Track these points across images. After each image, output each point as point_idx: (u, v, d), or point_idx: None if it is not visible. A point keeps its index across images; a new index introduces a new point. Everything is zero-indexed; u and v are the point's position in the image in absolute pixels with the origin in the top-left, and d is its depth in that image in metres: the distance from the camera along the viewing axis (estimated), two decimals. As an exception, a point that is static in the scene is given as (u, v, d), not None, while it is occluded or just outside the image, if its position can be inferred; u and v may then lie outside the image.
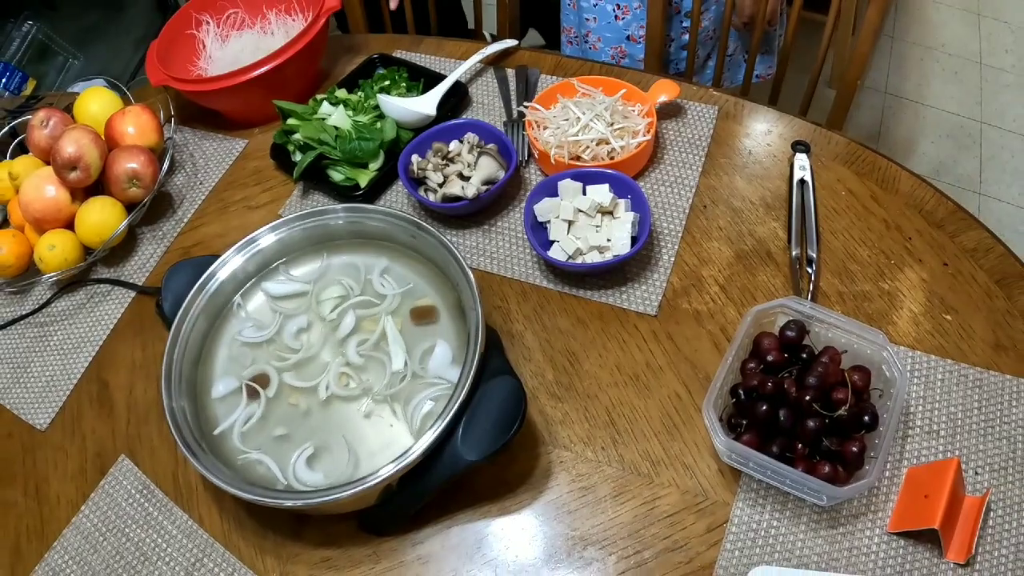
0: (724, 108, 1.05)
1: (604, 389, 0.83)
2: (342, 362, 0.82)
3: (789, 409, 0.74)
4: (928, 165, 1.86)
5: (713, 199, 0.96)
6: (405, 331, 0.83)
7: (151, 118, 1.03)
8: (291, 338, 0.85)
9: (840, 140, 1.01)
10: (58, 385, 0.95)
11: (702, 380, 0.83)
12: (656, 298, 0.88)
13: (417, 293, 0.85)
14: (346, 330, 0.83)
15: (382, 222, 0.86)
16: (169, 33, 1.11)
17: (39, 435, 0.92)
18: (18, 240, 0.99)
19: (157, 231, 1.05)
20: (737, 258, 0.91)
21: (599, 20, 1.33)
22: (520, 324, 0.88)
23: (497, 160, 0.93)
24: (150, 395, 0.91)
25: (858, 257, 0.90)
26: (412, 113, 1.01)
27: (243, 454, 0.78)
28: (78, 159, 0.95)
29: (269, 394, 0.81)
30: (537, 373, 0.85)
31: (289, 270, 0.90)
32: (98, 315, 0.99)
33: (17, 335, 1.01)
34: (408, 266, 0.87)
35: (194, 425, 0.79)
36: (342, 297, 0.86)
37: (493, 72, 1.13)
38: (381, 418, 0.78)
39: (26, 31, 1.50)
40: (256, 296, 0.89)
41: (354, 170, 0.99)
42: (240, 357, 0.85)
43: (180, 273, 0.87)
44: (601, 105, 0.95)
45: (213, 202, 1.07)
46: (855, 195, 0.95)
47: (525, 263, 0.93)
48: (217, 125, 1.16)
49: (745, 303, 0.87)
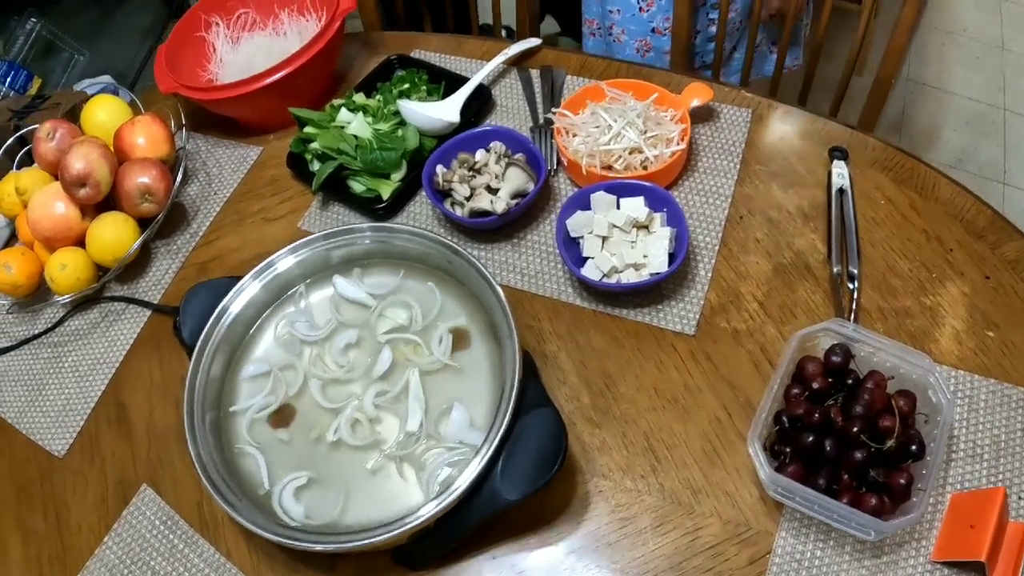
0: (758, 111, 0.99)
1: (642, 413, 0.79)
2: (358, 407, 0.77)
3: (835, 438, 0.71)
4: (951, 154, 1.81)
5: (749, 209, 0.91)
6: (427, 379, 0.77)
7: (161, 128, 0.98)
8: (338, 351, 0.80)
9: (877, 145, 0.96)
10: (75, 408, 0.91)
11: (742, 402, 0.79)
12: (694, 316, 0.84)
13: (448, 314, 0.81)
14: (381, 368, 0.78)
15: (414, 243, 0.82)
16: (178, 36, 1.05)
17: (57, 460, 0.88)
18: (28, 258, 0.95)
19: (171, 245, 1.00)
20: (775, 272, 0.86)
21: (623, 12, 1.27)
22: (553, 344, 0.84)
23: (526, 171, 0.88)
24: (170, 417, 0.88)
25: (899, 271, 0.85)
26: (435, 120, 0.96)
27: (243, 443, 0.76)
28: (87, 176, 0.90)
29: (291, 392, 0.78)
30: (572, 397, 0.81)
31: (363, 276, 0.85)
32: (113, 334, 0.95)
33: (30, 356, 0.97)
34: (437, 284, 0.82)
35: (215, 449, 0.75)
36: (401, 327, 0.81)
37: (517, 73, 1.08)
38: (389, 477, 0.73)
39: (30, 28, 1.45)
40: (322, 290, 0.85)
41: (376, 181, 0.94)
42: (284, 346, 0.82)
43: (198, 297, 0.82)
44: (633, 112, 0.90)
45: (229, 213, 1.02)
46: (894, 204, 0.90)
47: (557, 279, 0.88)
48: (230, 131, 1.11)
49: (785, 321, 0.83)
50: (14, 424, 0.93)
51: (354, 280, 0.84)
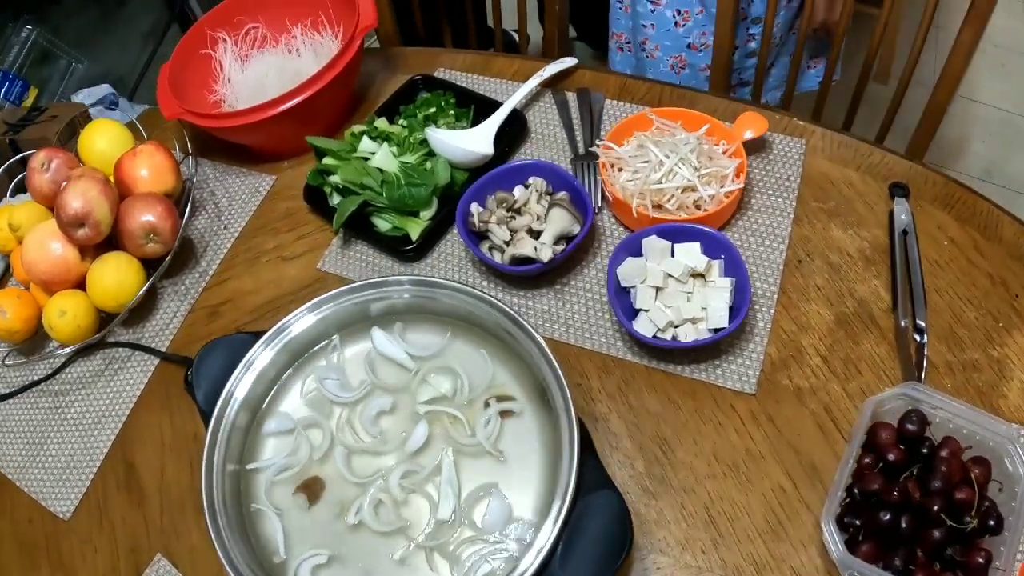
0: (811, 141, 0.92)
1: (701, 482, 0.73)
2: (383, 486, 0.69)
3: (911, 515, 0.66)
4: (978, 165, 1.75)
5: (808, 252, 0.85)
6: (464, 460, 0.69)
7: (166, 157, 0.89)
8: (370, 420, 0.72)
9: (937, 179, 0.89)
10: (79, 466, 0.84)
11: (807, 468, 0.73)
12: (754, 373, 0.77)
13: (498, 382, 0.73)
14: (415, 444, 0.70)
15: (459, 300, 0.73)
16: (182, 54, 0.96)
17: (63, 523, 0.81)
18: (24, 301, 0.86)
19: (179, 285, 0.92)
20: (838, 323, 0.80)
21: (657, 27, 1.18)
22: (604, 405, 0.77)
23: (570, 212, 0.81)
24: (183, 480, 0.80)
25: (965, 319, 0.80)
26: (468, 153, 0.88)
27: (261, 504, 0.69)
28: (86, 215, 0.81)
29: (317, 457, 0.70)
30: (626, 463, 0.75)
31: (405, 332, 0.76)
32: (119, 384, 0.87)
33: (30, 405, 0.89)
34: (490, 352, 0.73)
35: (232, 507, 0.68)
36: (444, 398, 0.72)
37: (551, 96, 1.00)
38: (417, 570, 0.65)
39: (26, 36, 1.34)
40: (358, 344, 0.76)
41: (403, 219, 0.86)
42: (312, 404, 0.73)
43: (213, 356, 0.74)
44: (686, 147, 0.82)
45: (241, 251, 0.94)
46: (958, 245, 0.84)
47: (605, 331, 0.82)
48: (240, 157, 1.02)
49: (849, 377, 0.77)
50: (15, 480, 0.85)
51: (394, 336, 0.75)
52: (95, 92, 1.29)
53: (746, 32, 1.18)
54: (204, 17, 0.97)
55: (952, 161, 1.78)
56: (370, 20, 0.91)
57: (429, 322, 0.75)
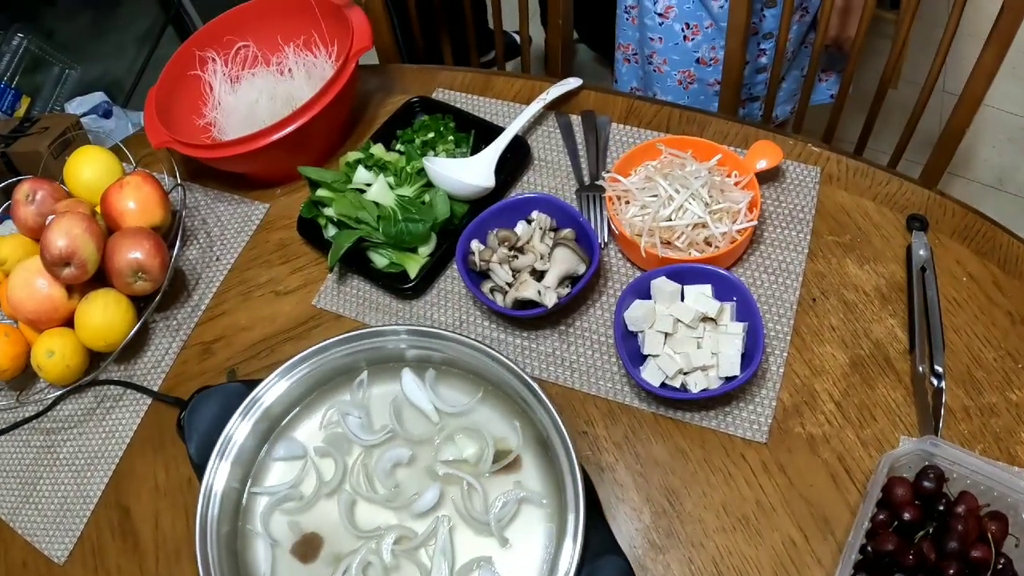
0: (826, 168, 0.88)
1: (710, 535, 0.70)
2: (374, 549, 0.65)
3: (926, 575, 0.63)
4: (990, 172, 1.70)
5: (823, 290, 0.81)
6: (461, 527, 0.65)
7: (154, 189, 0.85)
8: (385, 470, 0.68)
9: (957, 210, 0.85)
10: (73, 509, 0.81)
11: (819, 521, 0.70)
12: (766, 420, 0.74)
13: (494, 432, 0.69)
14: (423, 506, 0.66)
15: (465, 355, 0.69)
16: (170, 76, 0.91)
17: (58, 569, 0.79)
18: (12, 339, 0.83)
19: (171, 320, 0.89)
20: (853, 367, 0.77)
21: (665, 41, 1.13)
22: (610, 455, 0.74)
23: (576, 252, 0.77)
24: (179, 529, 0.78)
25: (983, 362, 0.76)
26: (468, 186, 0.84)
27: (254, 526, 0.67)
28: (71, 254, 0.78)
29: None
30: (633, 516, 0.72)
31: (437, 383, 0.71)
32: (111, 424, 0.84)
33: (21, 443, 0.86)
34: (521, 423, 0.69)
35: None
36: (464, 462, 0.68)
37: (555, 119, 0.95)
38: None
39: (17, 44, 1.28)
40: (386, 385, 0.72)
41: (401, 255, 0.82)
42: (330, 439, 0.70)
43: (206, 406, 0.71)
44: (697, 181, 0.78)
45: (234, 283, 0.90)
46: (976, 281, 0.81)
47: (611, 375, 0.78)
48: (231, 183, 0.98)
49: (864, 424, 0.74)
50: (9, 522, 0.83)
51: (425, 385, 0.71)
52: (88, 100, 1.24)
53: (756, 47, 1.13)
54: (193, 37, 0.92)
55: (964, 168, 1.73)
56: (365, 42, 0.87)
57: (461, 378, 0.71)
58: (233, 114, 0.91)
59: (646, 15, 1.14)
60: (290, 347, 0.84)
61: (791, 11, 1.01)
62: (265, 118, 0.85)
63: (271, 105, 0.88)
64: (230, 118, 0.91)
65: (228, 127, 0.91)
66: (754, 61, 1.15)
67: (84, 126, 1.14)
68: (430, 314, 0.84)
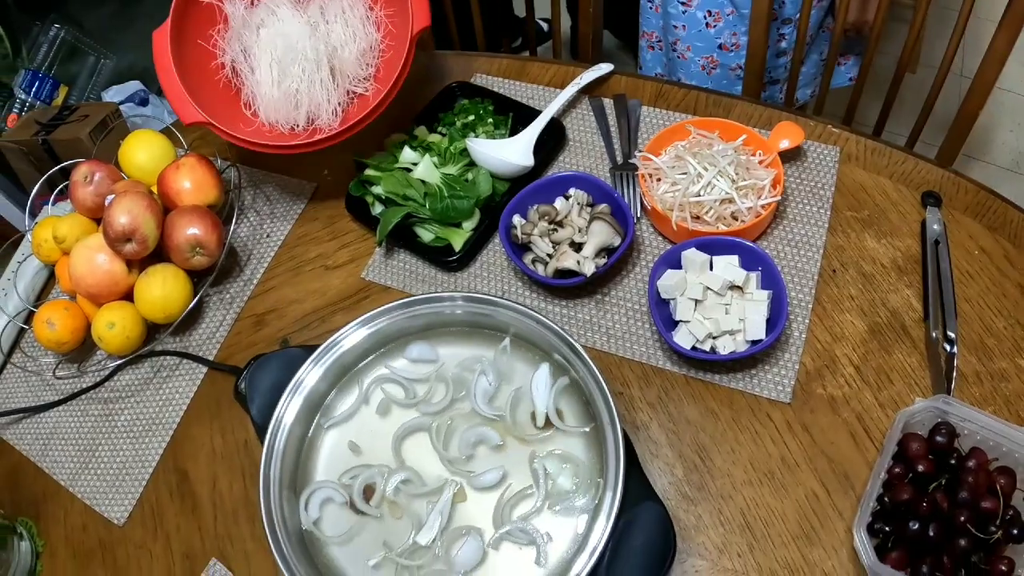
0: (846, 148, 0.98)
1: (738, 488, 0.80)
2: (381, 474, 0.75)
3: (939, 523, 0.73)
4: (1007, 155, 1.80)
5: (842, 262, 0.91)
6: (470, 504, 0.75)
7: (208, 170, 0.95)
8: (467, 442, 0.76)
9: (969, 187, 0.95)
10: (132, 473, 0.91)
11: (839, 477, 0.80)
12: (789, 382, 0.84)
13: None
14: (484, 482, 0.74)
15: (517, 321, 0.78)
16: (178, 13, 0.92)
17: (117, 530, 0.89)
18: (72, 313, 0.93)
19: (224, 294, 0.99)
20: (871, 333, 0.87)
21: (688, 28, 1.24)
22: (645, 414, 0.84)
23: (611, 225, 0.87)
24: (236, 490, 0.88)
25: (995, 330, 0.86)
26: (509, 165, 0.94)
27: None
28: (133, 231, 0.88)
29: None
30: (666, 470, 0.82)
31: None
32: (167, 393, 0.94)
33: (80, 412, 0.96)
34: (529, 359, 0.80)
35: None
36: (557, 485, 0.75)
37: (588, 102, 1.05)
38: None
39: (53, 35, 1.39)
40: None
41: (446, 230, 0.93)
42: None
43: (266, 371, 0.80)
44: (724, 160, 0.88)
45: (284, 259, 1.00)
46: (988, 255, 0.91)
47: (645, 340, 0.88)
48: (278, 164, 1.08)
49: (881, 387, 0.84)
50: (68, 487, 0.93)
51: (553, 390, 0.78)
52: (125, 89, 1.34)
53: (776, 32, 1.23)
54: None
55: (981, 151, 1.83)
56: (424, 20, 0.91)
57: (515, 344, 0.80)
58: (263, 80, 0.93)
59: (669, 4, 1.25)
60: (340, 317, 0.94)
61: None
62: (301, 86, 0.90)
63: (309, 68, 0.91)
64: (261, 84, 0.94)
65: (260, 96, 0.95)
66: (773, 46, 1.25)
67: (122, 114, 1.24)
68: (473, 284, 0.94)
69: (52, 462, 0.94)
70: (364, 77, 0.98)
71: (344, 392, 0.81)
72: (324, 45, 0.95)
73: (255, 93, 0.97)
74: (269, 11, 0.96)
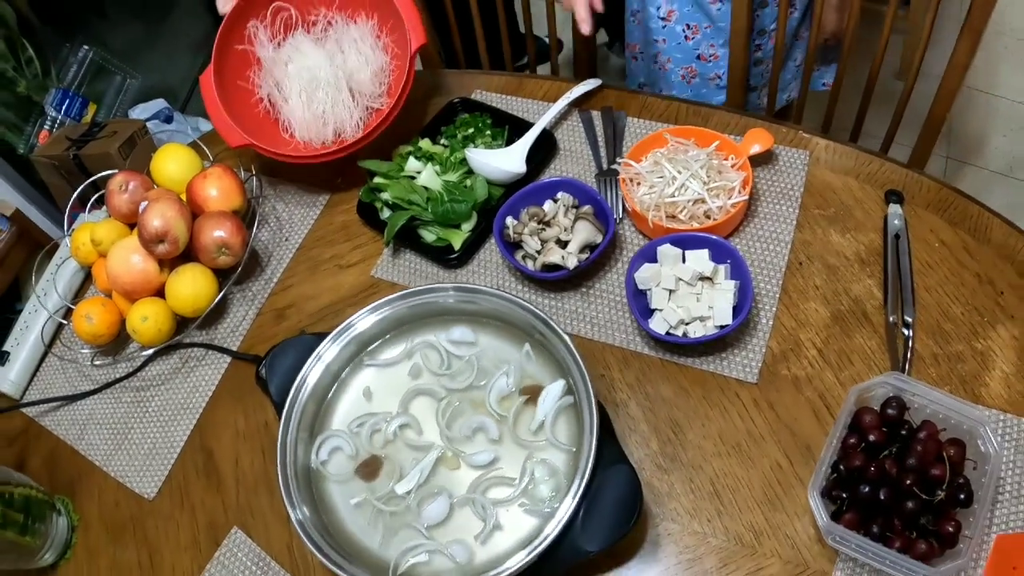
0: (815, 152, 1.10)
1: (708, 459, 0.91)
2: (384, 420, 0.90)
3: (889, 488, 0.82)
4: (1000, 160, 1.90)
5: (808, 255, 1.02)
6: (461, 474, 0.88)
7: (232, 179, 1.09)
8: (468, 426, 0.88)
9: (932, 185, 1.06)
10: (161, 453, 1.04)
11: (802, 448, 0.90)
12: (756, 364, 0.95)
13: (525, 373, 0.92)
14: (475, 461, 0.87)
15: (501, 306, 0.91)
16: (220, 54, 1.11)
17: (147, 504, 1.02)
18: (108, 308, 1.07)
19: (247, 291, 1.13)
20: (834, 319, 0.97)
21: (669, 41, 1.37)
22: (624, 393, 0.96)
23: (594, 224, 0.99)
24: (257, 466, 1.00)
25: (952, 315, 0.96)
26: (502, 172, 1.08)
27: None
28: (165, 233, 1.02)
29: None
30: (642, 444, 0.93)
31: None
32: (195, 380, 1.08)
33: (113, 399, 1.10)
34: (511, 342, 0.93)
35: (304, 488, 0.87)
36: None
37: (578, 115, 1.19)
38: None
39: (82, 56, 1.55)
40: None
41: (447, 231, 1.06)
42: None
43: (285, 355, 0.94)
44: (697, 163, 1.00)
45: (302, 260, 1.14)
46: (948, 247, 1.01)
47: (625, 328, 1.00)
48: (296, 175, 1.22)
49: (842, 367, 0.94)
50: (102, 466, 1.06)
51: (555, 408, 0.90)
52: (150, 107, 1.49)
53: (753, 42, 1.35)
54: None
55: (974, 156, 1.93)
56: (421, 38, 1.10)
57: (500, 329, 0.94)
58: (295, 106, 1.12)
59: (650, 19, 1.38)
60: (352, 311, 1.03)
61: (787, 9, 1.23)
62: (327, 108, 1.10)
63: (332, 92, 1.11)
64: (294, 110, 1.13)
65: (294, 120, 1.14)
66: (752, 55, 1.37)
67: (149, 131, 1.39)
68: (471, 280, 1.07)
69: (88, 445, 1.07)
70: (379, 94, 1.16)
71: (391, 343, 0.96)
72: (342, 71, 1.15)
73: (290, 119, 1.16)
74: (294, 48, 1.17)
